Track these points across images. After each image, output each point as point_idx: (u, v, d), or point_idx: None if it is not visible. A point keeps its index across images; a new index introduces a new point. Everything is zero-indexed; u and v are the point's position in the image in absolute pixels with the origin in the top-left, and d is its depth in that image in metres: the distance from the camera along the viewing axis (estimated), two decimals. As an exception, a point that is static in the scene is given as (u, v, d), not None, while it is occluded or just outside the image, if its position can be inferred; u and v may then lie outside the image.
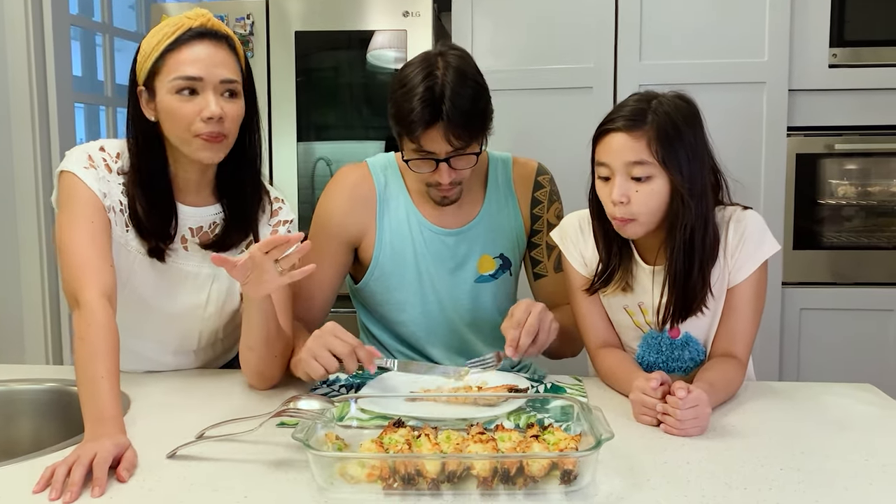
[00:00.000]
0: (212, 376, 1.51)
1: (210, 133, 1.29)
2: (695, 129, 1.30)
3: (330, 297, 1.63)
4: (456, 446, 1.02)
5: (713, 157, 1.36)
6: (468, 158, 1.46)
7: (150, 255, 1.37)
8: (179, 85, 1.29)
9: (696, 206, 1.29)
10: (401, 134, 1.45)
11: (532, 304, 1.39)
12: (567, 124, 2.44)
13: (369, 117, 2.65)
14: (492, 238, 1.62)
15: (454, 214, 1.61)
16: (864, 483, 1.01)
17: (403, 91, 1.41)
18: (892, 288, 2.44)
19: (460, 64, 1.43)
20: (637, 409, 1.25)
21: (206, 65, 1.30)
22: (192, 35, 1.31)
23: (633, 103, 1.31)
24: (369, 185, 1.60)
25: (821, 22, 2.38)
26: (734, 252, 1.36)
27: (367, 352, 1.33)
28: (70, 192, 1.33)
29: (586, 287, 1.45)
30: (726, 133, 2.38)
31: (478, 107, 1.43)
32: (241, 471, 1.05)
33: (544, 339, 1.37)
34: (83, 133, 3.14)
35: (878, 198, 2.49)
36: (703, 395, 1.18)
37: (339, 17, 2.54)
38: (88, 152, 1.36)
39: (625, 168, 1.28)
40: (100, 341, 1.19)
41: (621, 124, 1.28)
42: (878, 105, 2.41)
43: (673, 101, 1.30)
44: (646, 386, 1.23)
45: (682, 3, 2.41)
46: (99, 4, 3.01)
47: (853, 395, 1.39)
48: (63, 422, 1.36)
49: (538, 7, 2.46)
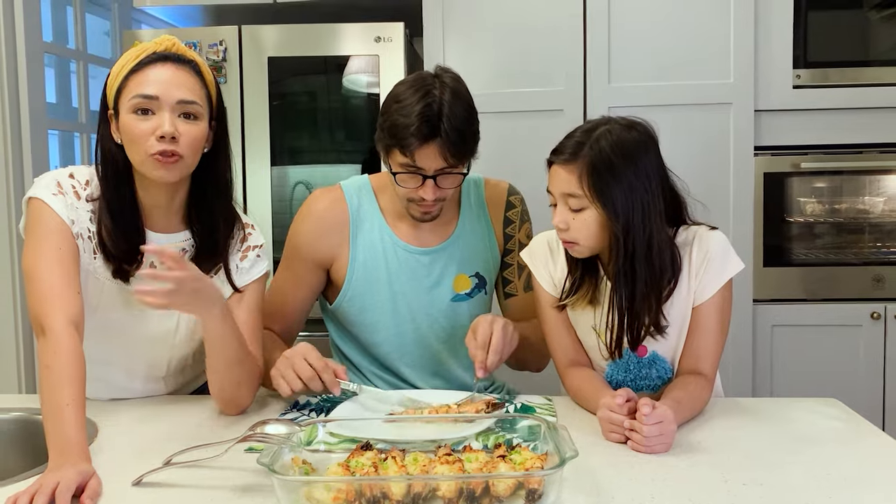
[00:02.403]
0: (181, 402, 1.50)
1: (163, 151, 1.29)
2: (636, 161, 1.31)
3: (302, 317, 1.68)
4: (422, 468, 1.03)
5: (668, 180, 1.38)
6: (455, 178, 1.50)
7: (114, 276, 1.37)
8: (136, 104, 1.30)
9: (635, 235, 1.31)
10: (392, 146, 1.46)
11: (494, 321, 1.42)
12: (538, 146, 2.42)
13: (343, 141, 2.67)
14: (467, 257, 1.64)
15: (429, 233, 1.63)
16: (823, 497, 1.02)
17: (400, 106, 1.44)
18: (862, 303, 2.47)
19: (456, 86, 1.47)
20: (605, 427, 1.26)
21: (164, 85, 1.30)
22: (156, 58, 1.32)
23: (578, 135, 1.35)
24: (342, 207, 1.62)
25: (784, 44, 2.44)
26: (698, 272, 1.38)
27: (331, 377, 1.36)
28: (38, 218, 1.33)
29: (555, 305, 1.47)
30: (694, 153, 2.45)
31: (472, 128, 1.48)
32: (208, 497, 1.04)
33: (508, 351, 1.43)
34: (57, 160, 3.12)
35: (846, 215, 2.53)
36: (668, 411, 1.19)
37: (312, 42, 2.56)
38: (57, 179, 1.36)
39: (562, 198, 1.34)
40: (65, 368, 1.19)
41: (559, 157, 1.34)
42: (842, 124, 2.46)
43: (617, 133, 1.32)
44: (612, 403, 1.24)
45: (649, 27, 2.46)
46: (73, 31, 3.01)
47: (818, 409, 1.41)
48: (28, 451, 1.34)
49: (508, 31, 2.50)
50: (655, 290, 1.36)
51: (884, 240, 2.51)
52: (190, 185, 1.41)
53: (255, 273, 1.48)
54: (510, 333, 1.43)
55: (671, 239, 1.38)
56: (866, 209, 2.52)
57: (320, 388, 1.36)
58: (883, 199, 2.51)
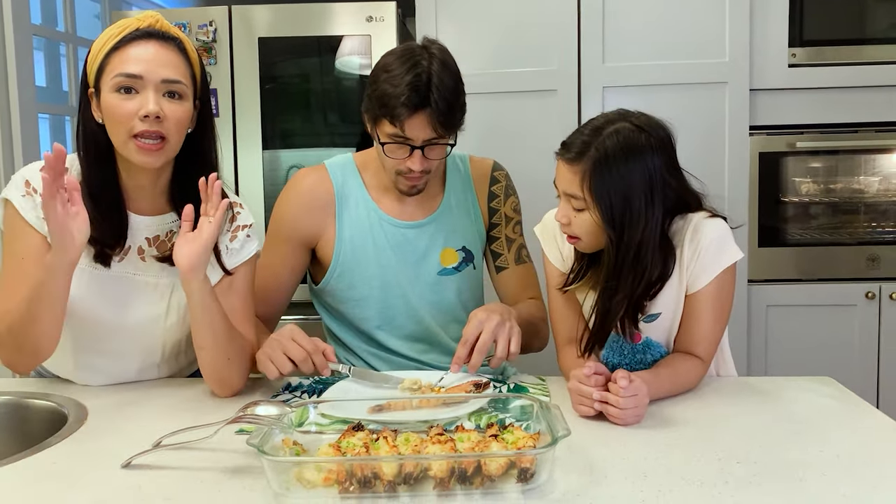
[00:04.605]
0: (171, 384, 1.49)
1: (147, 132, 1.27)
2: (639, 167, 1.29)
3: (285, 301, 1.66)
4: (414, 448, 1.02)
5: (679, 179, 1.36)
6: (441, 149, 1.50)
7: (95, 259, 1.35)
8: (119, 82, 1.28)
9: (628, 241, 1.30)
10: (381, 116, 1.45)
11: (486, 320, 1.37)
12: (532, 127, 2.46)
13: (336, 123, 2.64)
14: (453, 231, 1.64)
15: (414, 207, 1.62)
16: (817, 474, 1.02)
17: (389, 76, 1.43)
18: (857, 283, 2.47)
19: (444, 56, 1.48)
20: (574, 399, 1.26)
21: (148, 63, 1.28)
22: (139, 35, 1.30)
23: (587, 132, 1.33)
24: (326, 185, 1.62)
25: (780, 22, 2.41)
26: (689, 263, 1.36)
27: (321, 359, 1.35)
28: (10, 224, 1.36)
29: (560, 286, 1.47)
30: (689, 133, 2.41)
31: (460, 99, 1.49)
32: (197, 478, 1.03)
33: (503, 348, 1.36)
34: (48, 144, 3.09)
35: (841, 195, 2.52)
36: (642, 385, 1.20)
37: (303, 22, 2.53)
38: (27, 177, 1.36)
39: (565, 196, 1.35)
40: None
41: (565, 155, 1.33)
42: (838, 103, 2.44)
43: (625, 135, 1.30)
44: (580, 374, 1.23)
45: (643, 6, 2.43)
46: (62, 13, 2.97)
47: (812, 388, 1.40)
48: (19, 434, 1.33)
49: (502, 11, 2.47)
50: (641, 293, 1.35)
51: (879, 219, 2.50)
52: (174, 166, 1.39)
53: (246, 254, 1.46)
54: (507, 330, 1.37)
55: (667, 238, 1.37)
56: (861, 189, 2.50)
57: (311, 370, 1.35)
58: (878, 178, 2.50)
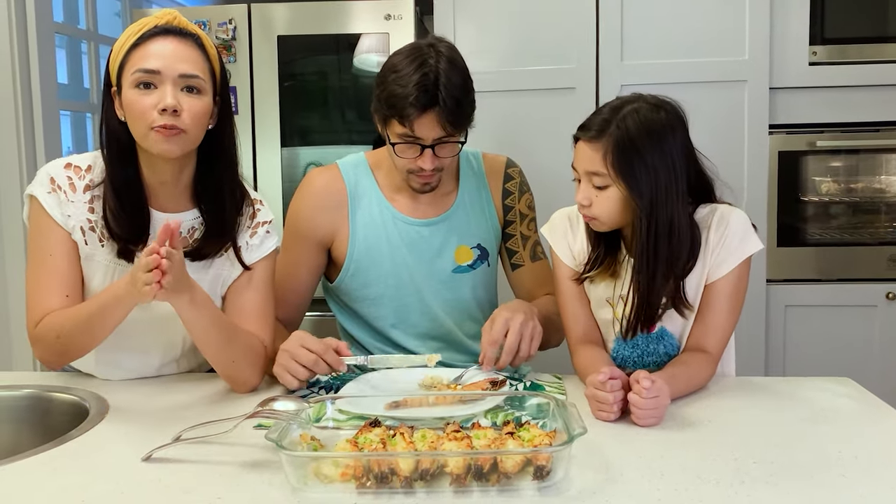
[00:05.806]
0: (191, 379, 1.51)
1: (165, 125, 1.29)
2: (661, 142, 1.31)
3: (305, 302, 1.67)
4: (430, 444, 1.02)
5: (696, 162, 1.37)
6: (452, 147, 1.50)
7: (118, 256, 1.37)
8: (138, 78, 1.30)
9: (658, 215, 1.31)
10: (391, 117, 1.47)
11: (511, 318, 1.39)
12: (550, 125, 2.45)
13: (354, 121, 2.65)
14: (467, 228, 1.64)
15: (428, 205, 1.63)
16: (835, 475, 1.01)
17: (397, 76, 1.44)
18: (876, 283, 2.44)
19: (451, 55, 1.48)
20: (593, 406, 1.25)
21: (166, 59, 1.30)
22: (157, 32, 1.32)
23: (605, 112, 1.34)
24: (339, 185, 1.63)
25: (800, 20, 2.39)
26: (714, 249, 1.37)
27: (333, 357, 1.35)
28: (36, 220, 1.38)
29: (574, 278, 1.47)
30: (708, 131, 2.40)
31: (469, 96, 1.49)
32: (216, 472, 1.05)
33: (526, 348, 1.38)
34: (70, 141, 3.13)
35: (861, 194, 2.49)
36: (664, 386, 1.20)
37: (322, 20, 2.54)
38: (52, 174, 1.38)
39: (586, 175, 1.34)
40: (63, 312, 1.33)
41: (585, 134, 1.33)
42: (859, 102, 2.41)
43: (644, 113, 1.32)
44: (595, 381, 1.23)
45: (662, 3, 2.42)
46: (84, 12, 3.00)
47: (830, 388, 1.39)
48: (41, 427, 1.35)
49: (520, 9, 2.47)
50: (676, 270, 1.35)
51: (900, 219, 2.48)
52: (196, 163, 1.41)
53: (265, 249, 1.48)
54: (530, 329, 1.39)
55: (692, 218, 1.37)
56: (882, 188, 2.48)
57: (326, 371, 1.36)
58: (900, 178, 2.47)
